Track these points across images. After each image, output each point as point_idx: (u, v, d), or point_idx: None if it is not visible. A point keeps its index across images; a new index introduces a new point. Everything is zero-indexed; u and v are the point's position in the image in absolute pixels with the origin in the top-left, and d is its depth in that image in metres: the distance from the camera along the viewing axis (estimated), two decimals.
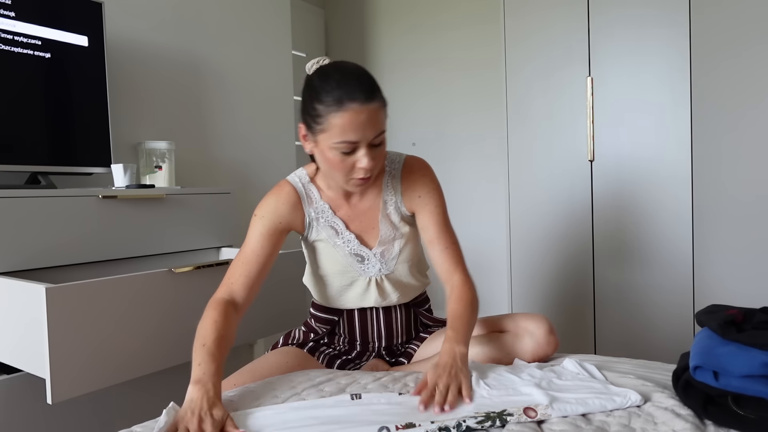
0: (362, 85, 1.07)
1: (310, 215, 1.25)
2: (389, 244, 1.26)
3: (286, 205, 1.23)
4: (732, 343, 0.87)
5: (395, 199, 1.27)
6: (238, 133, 2.55)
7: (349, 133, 1.06)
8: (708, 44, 2.07)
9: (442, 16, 3.19)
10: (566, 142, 2.36)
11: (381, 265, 1.26)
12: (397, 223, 1.27)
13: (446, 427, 0.84)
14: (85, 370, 1.26)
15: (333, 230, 1.25)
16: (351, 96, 1.05)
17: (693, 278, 2.14)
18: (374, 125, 1.07)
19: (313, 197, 1.26)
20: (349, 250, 1.25)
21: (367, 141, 1.08)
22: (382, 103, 1.09)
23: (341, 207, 1.26)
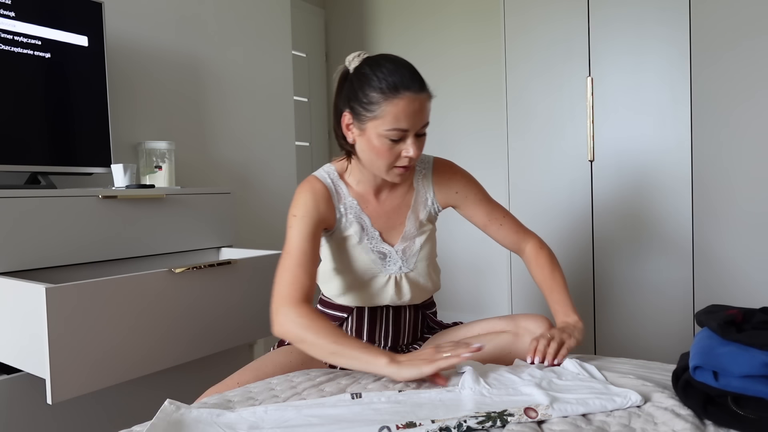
0: (415, 75, 1.11)
1: (340, 211, 1.26)
2: (411, 240, 1.29)
3: (321, 201, 1.23)
4: (732, 343, 0.87)
5: (427, 196, 1.31)
6: (238, 133, 2.55)
7: (401, 121, 1.09)
8: (708, 43, 2.07)
9: (441, 17, 3.20)
10: (566, 142, 2.36)
11: (402, 263, 1.28)
12: (423, 220, 1.31)
13: (447, 426, 0.84)
14: (85, 370, 1.26)
15: (360, 226, 1.27)
16: (406, 84, 1.08)
17: (693, 278, 2.14)
18: (424, 114, 1.12)
19: (341, 193, 1.27)
20: (372, 247, 1.27)
21: (415, 130, 1.12)
22: (430, 95, 1.13)
23: (369, 203, 1.28)
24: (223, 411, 0.94)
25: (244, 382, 1.18)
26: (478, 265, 3.10)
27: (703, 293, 2.12)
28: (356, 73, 1.15)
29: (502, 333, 1.26)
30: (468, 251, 3.11)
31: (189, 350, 1.50)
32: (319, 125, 3.58)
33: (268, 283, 1.73)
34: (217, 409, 0.95)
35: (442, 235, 3.15)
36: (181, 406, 0.94)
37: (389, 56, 1.16)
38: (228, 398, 1.05)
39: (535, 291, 2.48)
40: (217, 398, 1.05)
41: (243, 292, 1.66)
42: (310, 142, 3.48)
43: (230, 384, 1.19)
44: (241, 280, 1.65)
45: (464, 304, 3.10)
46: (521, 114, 2.46)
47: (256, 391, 1.08)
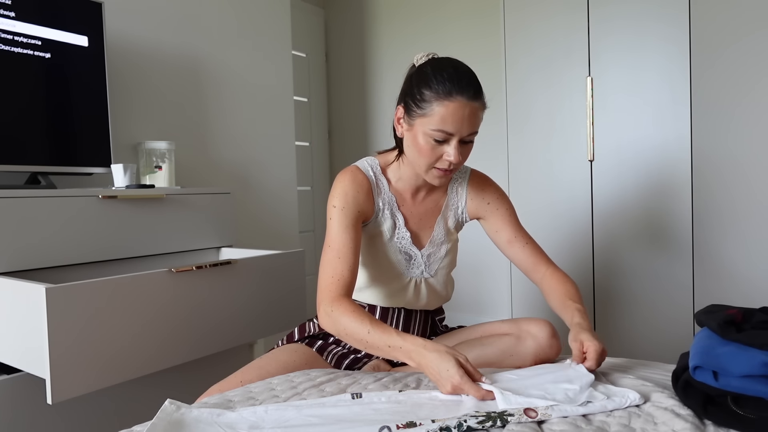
0: (472, 83, 1.12)
1: (379, 205, 1.27)
2: (437, 247, 1.30)
3: (362, 193, 1.23)
4: (731, 343, 0.87)
5: (459, 204, 1.33)
6: (238, 133, 2.55)
7: (448, 123, 1.10)
8: (708, 42, 2.07)
9: (441, 16, 3.20)
10: (566, 141, 2.36)
11: (425, 267, 1.30)
12: (451, 228, 1.33)
13: (447, 426, 0.84)
14: (85, 370, 1.26)
15: (393, 223, 1.28)
16: (461, 89, 1.10)
17: (693, 278, 2.14)
18: (472, 122, 1.12)
19: (382, 187, 1.28)
20: (401, 247, 1.28)
21: (461, 135, 1.12)
22: (484, 105, 1.14)
23: (405, 202, 1.29)
24: (224, 411, 0.94)
25: (247, 381, 1.18)
26: (477, 265, 3.10)
27: (703, 293, 2.12)
28: (418, 70, 1.18)
29: (505, 336, 1.26)
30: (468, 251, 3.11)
31: (189, 350, 1.50)
32: (319, 125, 3.58)
33: (268, 283, 1.73)
34: (217, 408, 0.95)
35: None
36: (182, 405, 0.94)
37: (454, 61, 1.17)
38: (228, 398, 1.05)
39: (536, 292, 2.48)
40: (217, 398, 1.05)
41: (243, 292, 1.66)
42: (310, 142, 3.48)
43: (233, 382, 1.19)
44: (241, 280, 1.65)
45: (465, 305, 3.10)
46: (521, 114, 2.46)
47: (257, 390, 1.08)
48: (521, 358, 1.22)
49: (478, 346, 1.24)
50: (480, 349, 1.24)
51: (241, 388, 1.11)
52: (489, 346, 1.24)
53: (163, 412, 0.91)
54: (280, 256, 1.78)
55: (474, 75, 1.15)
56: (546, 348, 1.23)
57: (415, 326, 1.35)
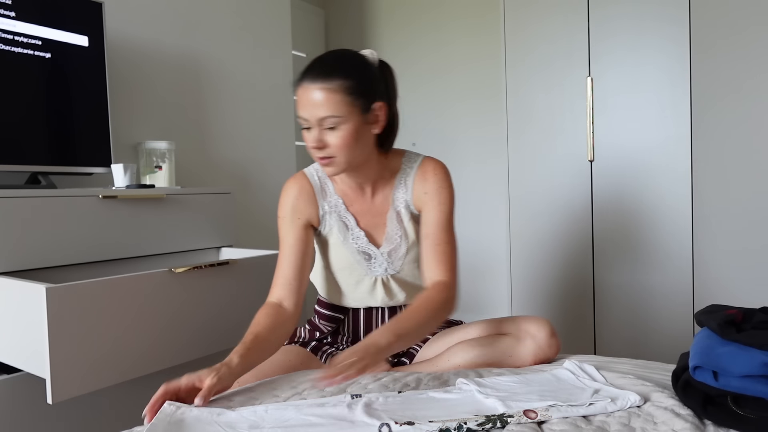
0: (321, 66, 1.11)
1: (324, 208, 1.26)
2: (397, 243, 1.26)
3: (300, 199, 1.25)
4: (731, 343, 0.87)
5: (406, 197, 1.27)
6: (238, 133, 2.55)
7: (300, 108, 1.11)
8: (708, 42, 2.07)
9: (442, 17, 3.20)
10: (566, 142, 2.36)
11: (387, 265, 1.26)
12: (406, 223, 1.27)
13: (447, 428, 0.84)
14: (85, 370, 1.26)
15: (344, 225, 1.26)
16: (305, 74, 1.11)
17: (693, 278, 2.14)
18: (319, 105, 1.09)
19: (327, 190, 1.27)
20: (357, 248, 1.26)
21: (313, 118, 1.10)
22: (337, 86, 1.09)
23: (354, 202, 1.27)
24: (224, 410, 0.94)
25: (243, 381, 1.18)
26: (477, 265, 3.10)
27: (703, 293, 2.12)
28: None
29: (504, 336, 1.25)
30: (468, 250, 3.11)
31: (189, 350, 1.50)
32: None
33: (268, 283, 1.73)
34: (217, 408, 0.95)
35: None
36: (181, 406, 0.94)
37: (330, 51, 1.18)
38: (228, 397, 1.05)
39: (536, 292, 2.49)
40: (217, 397, 1.05)
41: (243, 292, 1.66)
42: None
43: None
44: (241, 280, 1.65)
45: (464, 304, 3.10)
46: (521, 114, 2.46)
47: (257, 390, 1.08)
48: (520, 359, 1.22)
49: (477, 347, 1.24)
50: (480, 350, 1.24)
51: (241, 388, 1.11)
52: (488, 347, 1.24)
53: (162, 413, 0.91)
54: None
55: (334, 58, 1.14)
56: (545, 348, 1.22)
57: None
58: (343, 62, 1.12)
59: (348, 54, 1.15)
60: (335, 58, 1.13)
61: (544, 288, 2.45)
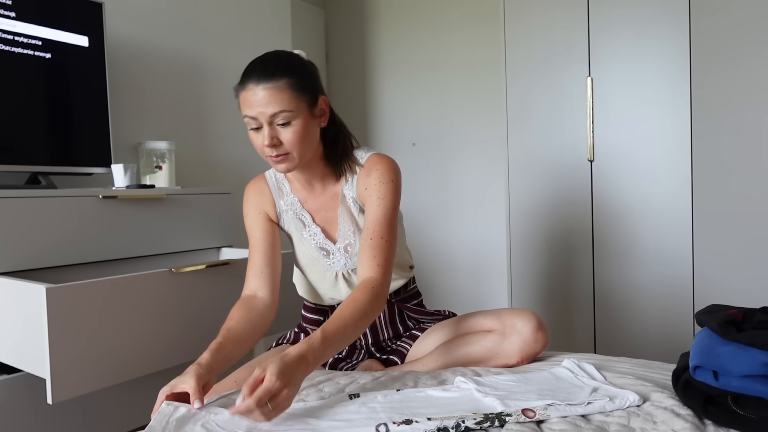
0: (263, 65, 1.13)
1: (280, 207, 1.30)
2: (351, 239, 1.26)
3: (259, 196, 1.30)
4: (732, 343, 0.87)
5: (352, 192, 1.26)
6: (238, 133, 2.55)
7: (246, 109, 1.12)
8: (708, 44, 2.07)
9: (442, 17, 3.20)
10: (566, 142, 2.36)
11: (346, 260, 1.27)
12: (357, 218, 1.26)
13: (445, 427, 0.84)
14: (85, 370, 1.26)
15: (301, 223, 1.29)
16: (249, 75, 1.13)
17: (693, 278, 2.14)
18: (268, 103, 1.10)
19: (284, 190, 1.31)
20: (315, 244, 1.28)
21: (264, 118, 1.11)
22: (285, 84, 1.11)
23: (308, 199, 1.29)
24: (222, 409, 0.94)
25: (241, 381, 1.18)
26: (477, 265, 3.10)
27: (703, 293, 2.12)
28: None
29: (489, 333, 1.24)
30: (468, 250, 3.11)
31: (189, 350, 1.50)
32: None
33: None
34: (216, 407, 0.95)
35: (442, 234, 3.15)
36: (180, 406, 0.94)
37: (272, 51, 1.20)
38: (229, 397, 1.05)
39: (535, 291, 2.48)
40: (217, 397, 1.05)
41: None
42: None
43: (228, 383, 1.19)
44: (241, 280, 1.64)
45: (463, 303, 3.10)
46: (521, 113, 2.46)
47: None
48: (507, 356, 1.21)
49: (462, 346, 1.23)
50: (465, 349, 1.23)
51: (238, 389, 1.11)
52: (474, 345, 1.23)
53: (160, 414, 0.91)
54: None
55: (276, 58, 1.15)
56: (531, 343, 1.21)
57: (381, 318, 1.32)
58: (284, 61, 1.15)
59: (284, 54, 1.19)
60: (275, 59, 1.16)
61: (544, 287, 2.45)
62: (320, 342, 0.96)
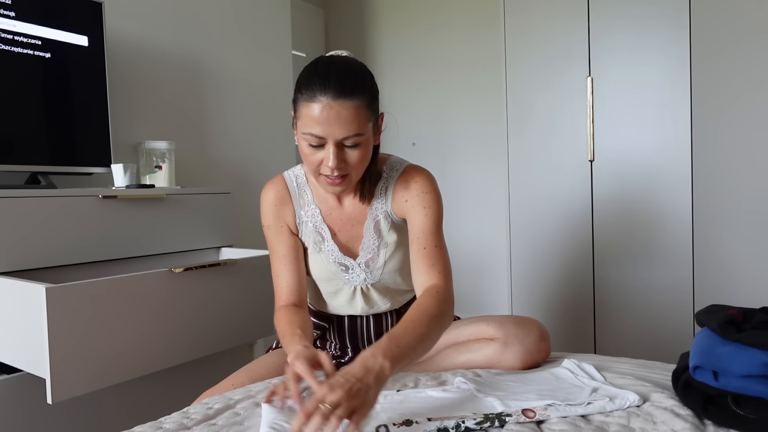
0: (340, 80, 1.01)
1: (300, 217, 1.23)
2: (374, 253, 1.22)
3: (280, 206, 1.23)
4: (732, 343, 0.86)
5: (386, 206, 1.21)
6: (238, 133, 2.55)
7: (315, 126, 1.02)
8: (708, 44, 2.07)
9: (441, 16, 3.20)
10: (566, 142, 2.36)
11: (366, 275, 1.22)
12: (385, 232, 1.21)
13: (445, 427, 0.84)
14: (85, 370, 1.26)
15: (320, 236, 1.22)
16: (324, 89, 1.00)
17: (693, 278, 2.14)
18: (344, 124, 1.01)
19: (305, 199, 1.23)
20: (333, 259, 1.22)
21: (335, 139, 1.02)
22: (362, 103, 1.03)
23: (332, 211, 1.22)
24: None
25: (239, 384, 1.18)
26: (477, 265, 3.10)
27: (703, 293, 2.12)
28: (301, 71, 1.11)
29: (491, 341, 1.20)
30: (468, 250, 3.11)
31: (189, 350, 1.50)
32: None
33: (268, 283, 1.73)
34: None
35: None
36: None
37: (335, 58, 1.10)
38: (230, 397, 1.05)
39: (535, 292, 2.48)
40: (218, 398, 1.05)
41: (243, 292, 1.66)
42: None
43: (225, 386, 1.19)
44: (241, 280, 1.65)
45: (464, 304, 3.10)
46: (521, 113, 2.46)
47: (257, 390, 1.08)
48: (508, 365, 1.18)
49: (464, 353, 1.21)
50: (467, 355, 1.20)
51: (241, 388, 1.11)
52: (475, 353, 1.20)
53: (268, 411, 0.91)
54: None
55: (349, 72, 1.04)
56: (534, 353, 1.17)
57: (388, 328, 1.29)
58: (360, 75, 1.05)
59: (357, 65, 1.09)
60: (353, 72, 1.05)
61: (544, 288, 2.45)
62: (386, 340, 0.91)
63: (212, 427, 0.92)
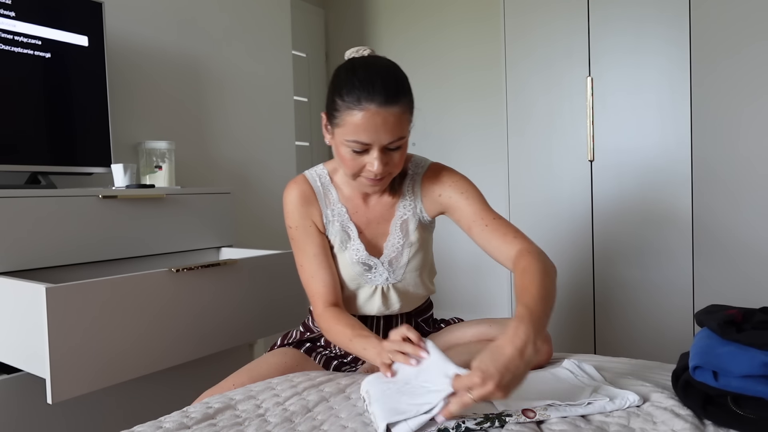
0: (385, 87, 1.02)
1: (327, 216, 1.23)
2: (398, 252, 1.23)
3: (307, 206, 1.22)
4: (731, 343, 0.87)
5: (414, 204, 1.23)
6: (238, 133, 2.55)
7: (361, 134, 1.03)
8: (708, 44, 2.07)
9: (441, 16, 3.20)
10: (566, 142, 2.36)
11: (389, 274, 1.23)
12: (411, 231, 1.23)
13: (445, 428, 0.84)
14: (85, 370, 1.26)
15: (346, 235, 1.22)
16: (370, 96, 1.01)
17: (693, 278, 2.14)
18: (391, 130, 1.03)
19: (331, 198, 1.23)
20: (357, 259, 1.22)
21: (380, 144, 1.04)
22: (405, 107, 1.05)
23: (358, 209, 1.23)
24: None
25: (239, 384, 1.18)
26: (478, 264, 3.10)
27: (703, 293, 2.12)
28: (334, 75, 1.11)
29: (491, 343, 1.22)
30: (468, 251, 3.11)
31: (189, 350, 1.50)
32: (319, 125, 3.58)
33: (268, 283, 1.73)
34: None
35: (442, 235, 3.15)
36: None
37: (371, 60, 1.10)
38: (230, 397, 1.05)
39: None
40: (219, 398, 1.05)
41: (243, 292, 1.66)
42: (310, 142, 3.48)
43: (226, 386, 1.19)
44: (241, 280, 1.65)
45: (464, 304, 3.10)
46: (521, 113, 2.46)
47: (257, 390, 1.08)
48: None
49: (464, 354, 1.20)
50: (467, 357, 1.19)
51: (242, 388, 1.11)
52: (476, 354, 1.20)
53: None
54: (280, 256, 1.78)
55: (390, 76, 1.05)
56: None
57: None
58: (400, 78, 1.06)
59: (394, 66, 1.09)
60: (393, 76, 1.06)
61: None
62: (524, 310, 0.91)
63: (212, 427, 0.92)
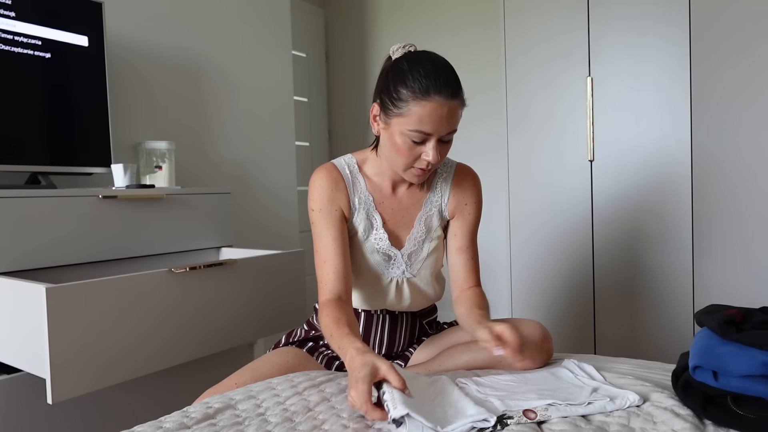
0: (450, 80, 1.08)
1: (354, 204, 1.24)
2: (419, 245, 1.26)
3: (335, 191, 1.22)
4: (731, 343, 0.87)
5: (441, 201, 1.27)
6: (238, 133, 2.55)
7: (426, 124, 1.07)
8: (708, 43, 2.07)
9: (441, 16, 3.20)
10: (566, 141, 2.36)
11: (406, 267, 1.26)
12: (435, 227, 1.27)
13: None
14: (85, 370, 1.26)
15: (370, 224, 1.24)
16: (438, 88, 1.06)
17: (693, 278, 2.14)
18: (451, 121, 1.09)
19: (359, 186, 1.25)
20: (379, 248, 1.24)
21: (439, 135, 1.09)
22: (463, 102, 1.11)
23: (384, 200, 1.25)
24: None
25: (242, 383, 1.18)
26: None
27: (703, 293, 2.12)
28: (394, 65, 1.13)
29: None
30: None
31: (189, 350, 1.50)
32: (319, 125, 3.58)
33: (267, 283, 1.73)
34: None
35: None
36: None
37: (432, 55, 1.14)
38: (230, 397, 1.05)
39: (536, 293, 2.48)
40: (219, 398, 1.05)
41: (243, 292, 1.66)
42: (310, 142, 3.48)
43: (228, 385, 1.19)
44: (241, 280, 1.65)
45: None
46: (521, 113, 2.46)
47: (257, 390, 1.08)
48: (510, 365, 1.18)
49: (467, 352, 1.22)
50: (470, 355, 1.21)
51: (242, 388, 1.11)
52: (477, 352, 1.20)
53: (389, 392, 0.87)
54: (280, 256, 1.78)
55: (452, 70, 1.11)
56: (535, 354, 1.18)
57: (402, 330, 1.32)
58: (456, 74, 1.11)
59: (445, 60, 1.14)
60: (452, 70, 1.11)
61: (544, 288, 2.45)
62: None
63: (212, 427, 0.92)
